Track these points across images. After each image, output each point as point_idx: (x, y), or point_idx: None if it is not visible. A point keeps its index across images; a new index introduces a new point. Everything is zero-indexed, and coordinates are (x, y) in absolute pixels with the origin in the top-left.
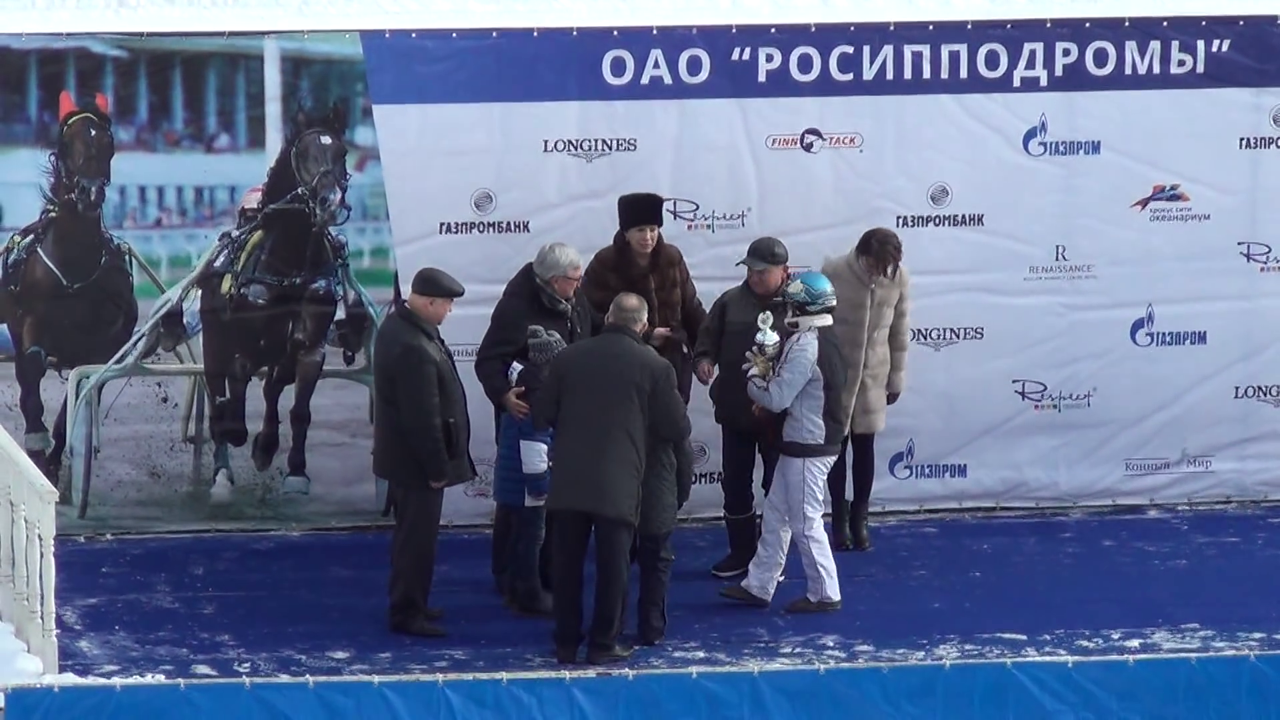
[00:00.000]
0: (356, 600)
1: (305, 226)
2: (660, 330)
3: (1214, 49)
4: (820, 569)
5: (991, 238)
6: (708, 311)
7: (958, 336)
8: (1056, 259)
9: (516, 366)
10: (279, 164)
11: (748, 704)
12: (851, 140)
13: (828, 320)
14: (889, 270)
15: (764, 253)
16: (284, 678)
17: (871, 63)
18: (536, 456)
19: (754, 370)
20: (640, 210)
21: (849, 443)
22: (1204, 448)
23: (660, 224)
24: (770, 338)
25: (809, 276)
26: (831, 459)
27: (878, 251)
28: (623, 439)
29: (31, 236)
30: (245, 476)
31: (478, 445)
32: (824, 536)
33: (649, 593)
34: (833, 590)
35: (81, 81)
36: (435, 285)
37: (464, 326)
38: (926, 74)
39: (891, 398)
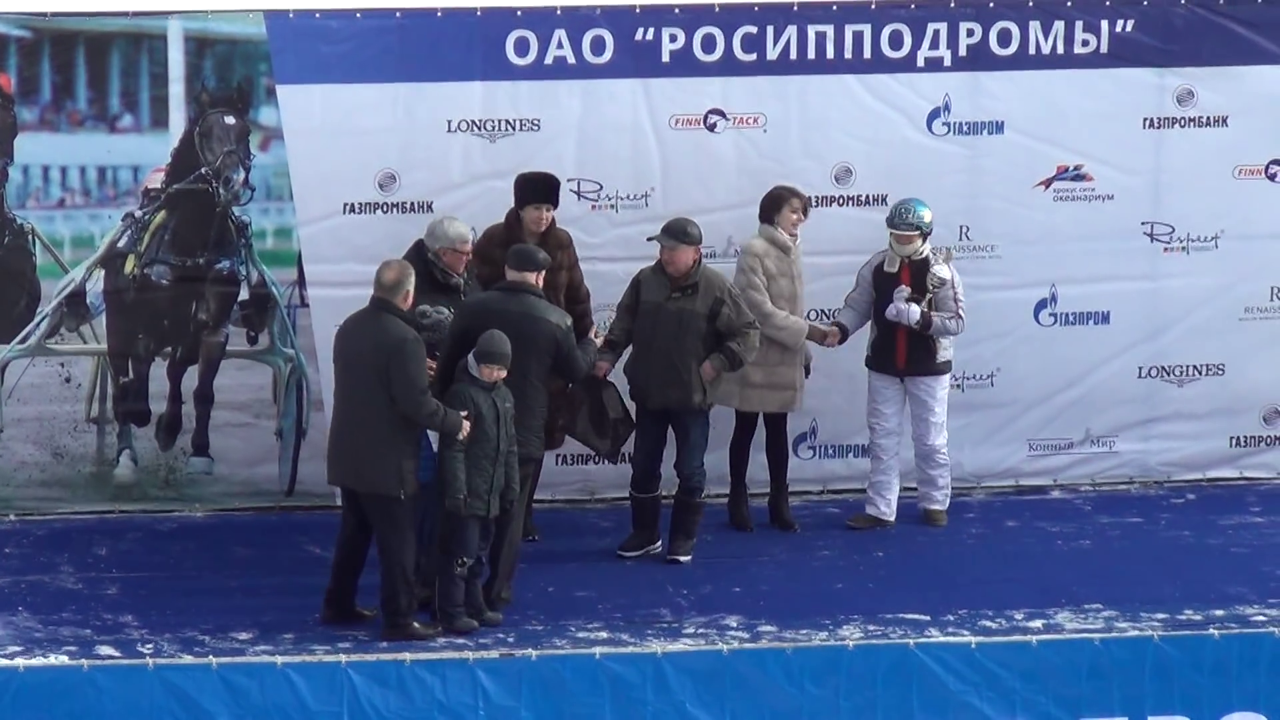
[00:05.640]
0: (260, 581)
1: (209, 207)
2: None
3: (1118, 29)
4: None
5: None
6: (624, 292)
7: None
8: (960, 239)
9: None
10: (182, 144)
11: (651, 685)
12: (755, 120)
13: None
14: (805, 209)
15: (676, 231)
16: (187, 658)
17: (775, 43)
18: None
19: (916, 305)
20: (539, 189)
21: (761, 420)
22: (1107, 428)
23: (556, 205)
24: (947, 273)
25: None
26: None
27: (784, 195)
28: (374, 414)
29: None
30: (148, 457)
31: None
32: None
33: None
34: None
35: None
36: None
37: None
38: (830, 54)
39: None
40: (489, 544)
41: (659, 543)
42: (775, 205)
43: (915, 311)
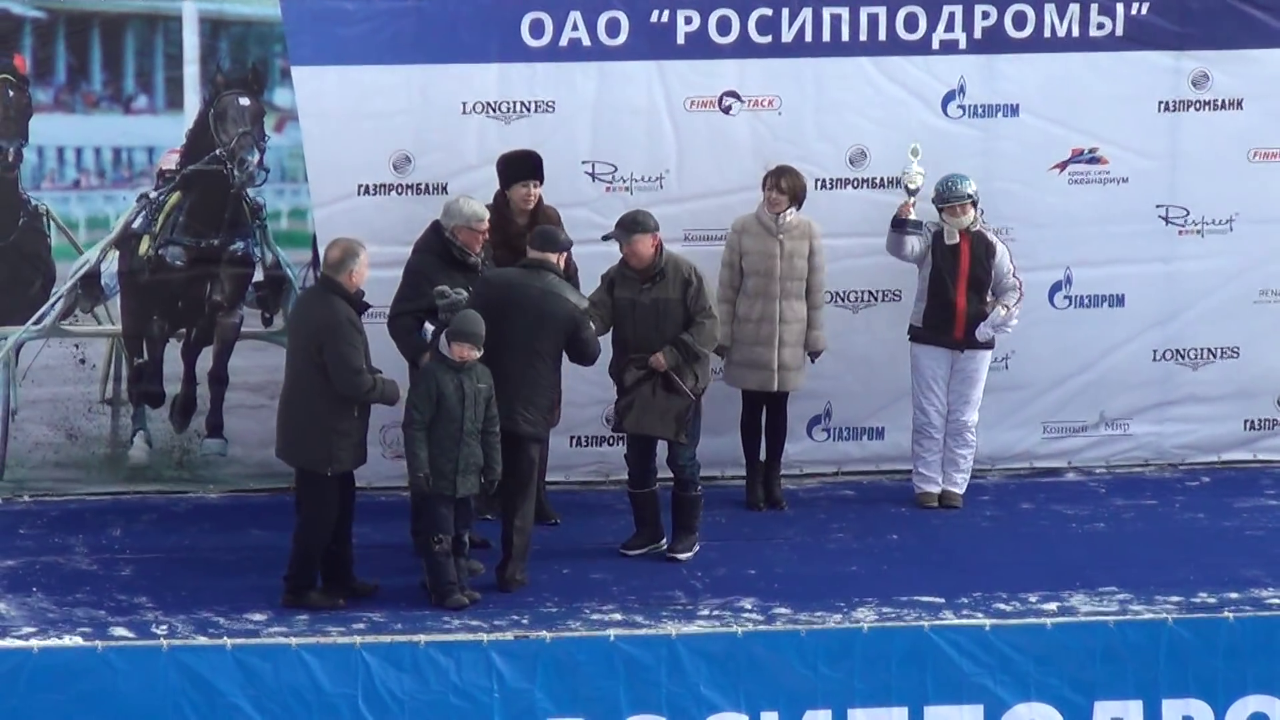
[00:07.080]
0: (274, 562)
1: (223, 188)
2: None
3: (1133, 12)
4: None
5: None
6: (595, 290)
7: (876, 299)
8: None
9: (429, 327)
10: (197, 125)
11: (665, 667)
12: (770, 102)
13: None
14: (784, 186)
15: (629, 224)
16: (201, 640)
17: (790, 25)
18: None
19: (996, 311)
20: (523, 167)
21: (762, 401)
22: (1122, 411)
23: (542, 181)
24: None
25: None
26: None
27: (765, 176)
28: (310, 390)
29: None
30: (163, 438)
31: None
32: None
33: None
34: None
35: None
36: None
37: (382, 288)
38: (845, 36)
39: (813, 356)
40: (468, 525)
41: (663, 541)
42: (762, 185)
43: (999, 313)
